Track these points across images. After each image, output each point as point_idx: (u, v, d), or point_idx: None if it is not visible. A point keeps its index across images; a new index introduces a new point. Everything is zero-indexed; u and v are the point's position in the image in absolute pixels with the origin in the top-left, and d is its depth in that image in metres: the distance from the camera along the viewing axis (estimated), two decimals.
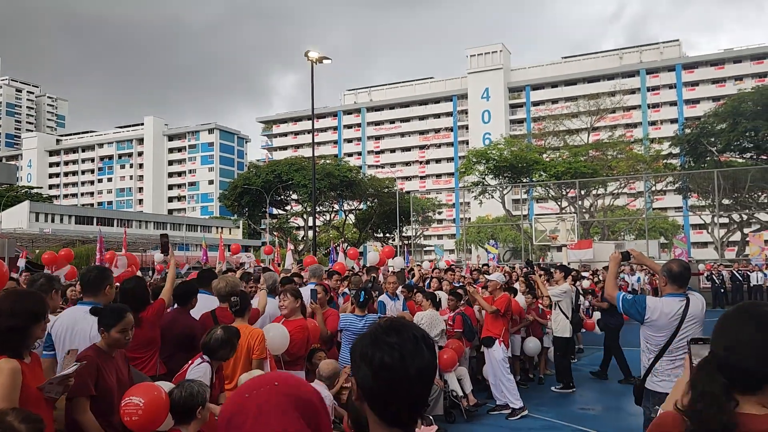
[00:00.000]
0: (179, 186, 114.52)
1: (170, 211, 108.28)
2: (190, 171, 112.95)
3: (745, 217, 41.68)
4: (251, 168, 56.33)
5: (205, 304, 5.55)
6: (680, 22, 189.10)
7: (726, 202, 38.77)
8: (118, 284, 5.07)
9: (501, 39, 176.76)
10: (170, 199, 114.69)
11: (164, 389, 3.34)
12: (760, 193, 40.64)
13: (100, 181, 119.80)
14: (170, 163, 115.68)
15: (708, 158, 41.47)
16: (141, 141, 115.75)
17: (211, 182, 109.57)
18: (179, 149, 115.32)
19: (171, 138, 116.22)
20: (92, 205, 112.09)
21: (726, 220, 43.20)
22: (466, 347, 8.53)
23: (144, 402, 3.19)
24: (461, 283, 11.57)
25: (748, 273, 24.77)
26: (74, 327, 4.06)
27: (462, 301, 8.90)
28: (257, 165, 59.26)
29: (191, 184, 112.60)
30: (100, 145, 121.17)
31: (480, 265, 18.74)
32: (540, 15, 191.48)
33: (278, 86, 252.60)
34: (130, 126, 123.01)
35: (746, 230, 42.25)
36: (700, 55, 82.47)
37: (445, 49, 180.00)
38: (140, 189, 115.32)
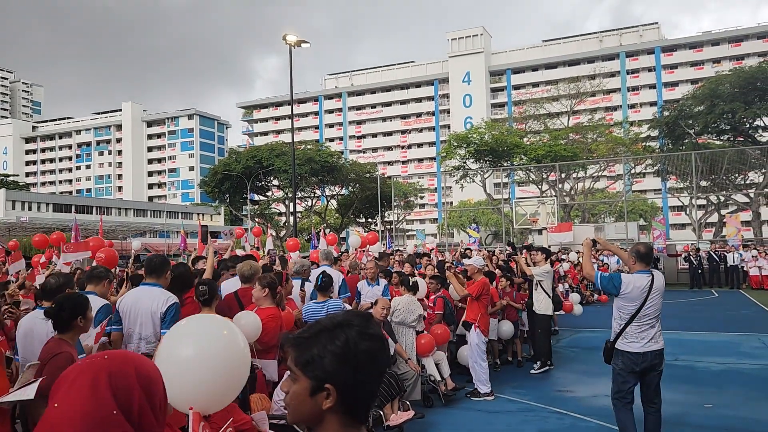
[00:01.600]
0: (159, 173, 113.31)
1: (150, 198, 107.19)
2: (170, 157, 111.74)
3: (722, 198, 42.17)
4: (232, 154, 55.74)
5: (228, 286, 6.40)
6: (665, 2, 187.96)
7: (704, 183, 39.18)
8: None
9: (484, 20, 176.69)
10: (150, 186, 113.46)
11: None
12: (737, 175, 41.10)
13: (78, 168, 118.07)
14: (149, 149, 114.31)
15: (686, 140, 41.77)
16: (119, 127, 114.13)
17: (191, 168, 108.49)
18: (158, 135, 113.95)
19: (150, 124, 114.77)
20: (70, 192, 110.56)
21: (704, 202, 43.69)
22: None
23: None
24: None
25: (725, 254, 25.09)
26: (138, 304, 4.82)
27: (440, 285, 8.87)
28: (238, 151, 58.68)
29: (171, 170, 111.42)
30: (78, 132, 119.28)
31: (463, 249, 18.74)
32: None
33: (260, 69, 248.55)
34: (107, 112, 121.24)
35: (723, 211, 42.77)
36: (679, 38, 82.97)
37: (426, 32, 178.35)
38: (119, 176, 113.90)
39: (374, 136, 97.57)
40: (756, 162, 38.07)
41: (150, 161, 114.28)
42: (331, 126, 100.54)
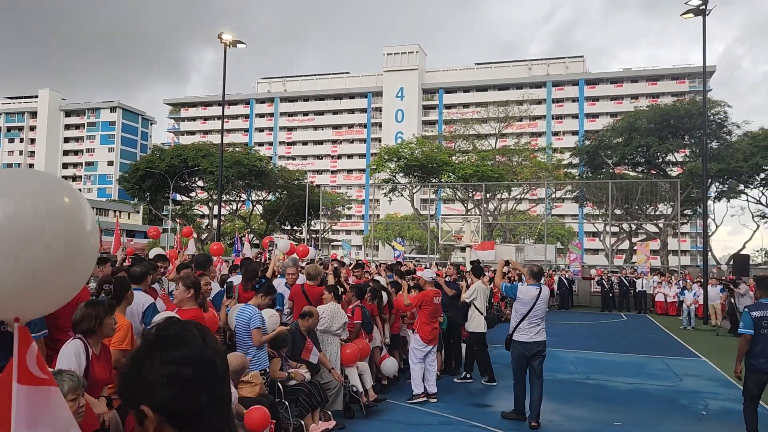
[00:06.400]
0: (75, 165, 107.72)
1: None
2: (87, 150, 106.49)
3: (634, 227, 44.50)
4: (155, 151, 53.86)
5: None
6: (607, 32, 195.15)
7: (618, 212, 41.23)
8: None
9: (429, 38, 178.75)
10: (64, 179, 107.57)
11: None
12: (648, 206, 43.51)
13: None
14: (66, 140, 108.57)
15: (604, 170, 43.86)
16: (34, 114, 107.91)
17: (110, 163, 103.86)
18: (77, 126, 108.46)
19: (68, 114, 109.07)
20: None
21: (617, 229, 45.97)
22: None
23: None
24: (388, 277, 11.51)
25: (635, 279, 26.37)
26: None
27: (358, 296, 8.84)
28: (162, 148, 56.77)
29: (88, 163, 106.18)
30: None
31: (390, 262, 18.82)
32: (472, 14, 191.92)
33: (196, 63, 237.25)
34: (22, 98, 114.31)
35: (634, 239, 45.13)
36: (601, 73, 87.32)
37: (366, 44, 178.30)
38: (30, 166, 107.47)
39: (305, 143, 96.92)
40: (666, 195, 40.43)
41: (66, 152, 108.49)
42: (261, 130, 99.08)
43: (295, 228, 55.41)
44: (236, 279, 7.98)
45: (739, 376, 6.74)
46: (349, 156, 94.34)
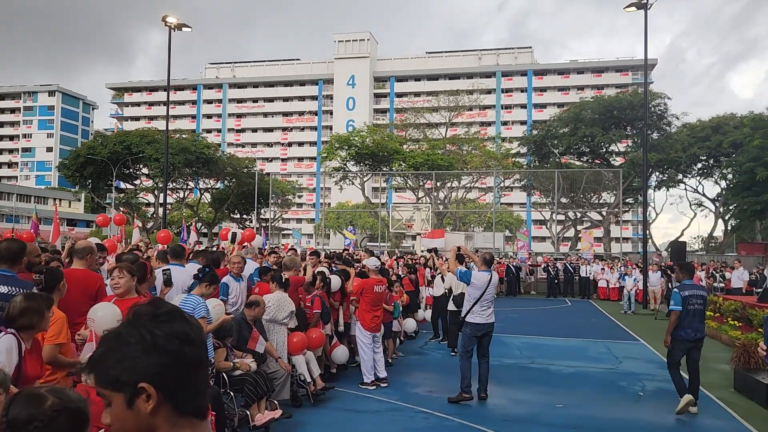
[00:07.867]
0: (10, 151, 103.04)
1: None
2: (24, 135, 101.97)
3: (579, 215, 45.71)
4: (97, 137, 52.05)
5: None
6: (559, 22, 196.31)
7: (564, 200, 42.24)
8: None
9: (382, 23, 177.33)
10: None
11: None
12: (592, 194, 44.74)
13: None
14: (0, 125, 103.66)
15: (551, 159, 44.82)
16: None
17: (49, 149, 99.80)
18: (12, 110, 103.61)
19: (2, 97, 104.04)
20: None
21: (563, 217, 47.12)
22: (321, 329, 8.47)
23: None
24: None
25: (579, 266, 27.09)
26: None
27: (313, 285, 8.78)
28: (104, 134, 54.87)
29: (25, 149, 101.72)
30: None
31: (341, 250, 18.74)
32: (426, 1, 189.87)
33: (143, 46, 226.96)
34: None
35: (579, 227, 46.39)
36: (549, 64, 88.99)
37: (317, 30, 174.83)
38: None
39: (254, 131, 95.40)
40: (609, 184, 41.65)
41: (0, 138, 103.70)
42: (209, 117, 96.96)
43: (245, 216, 54.62)
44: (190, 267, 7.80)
45: (668, 346, 7.74)
46: (300, 144, 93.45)
